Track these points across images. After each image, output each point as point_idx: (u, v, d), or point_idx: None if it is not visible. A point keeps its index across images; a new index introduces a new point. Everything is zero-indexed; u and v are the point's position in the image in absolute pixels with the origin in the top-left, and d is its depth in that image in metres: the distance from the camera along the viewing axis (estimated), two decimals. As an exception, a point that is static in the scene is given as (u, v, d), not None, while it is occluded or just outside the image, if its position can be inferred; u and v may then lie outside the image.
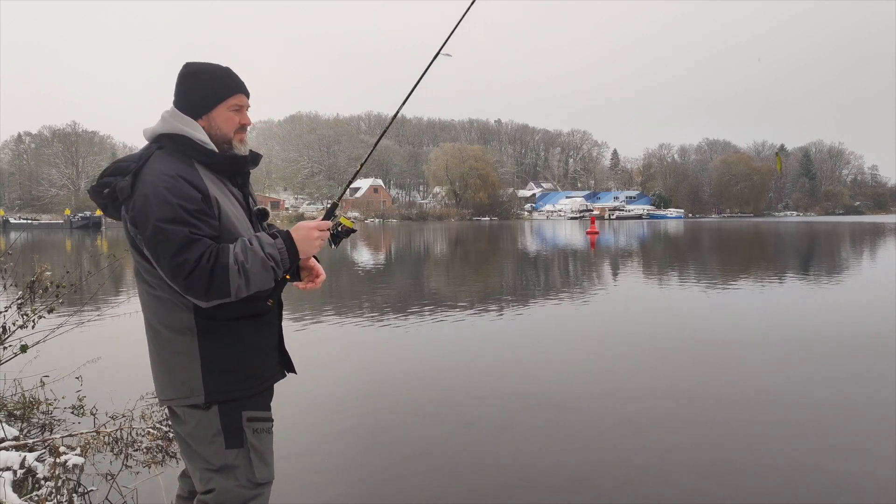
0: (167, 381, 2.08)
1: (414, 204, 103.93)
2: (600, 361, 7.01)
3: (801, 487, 3.80)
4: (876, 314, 9.99)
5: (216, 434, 2.04)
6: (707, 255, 24.37)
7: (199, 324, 2.02)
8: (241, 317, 2.07)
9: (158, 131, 2.10)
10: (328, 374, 6.50)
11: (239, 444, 2.06)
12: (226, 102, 2.13)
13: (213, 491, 2.06)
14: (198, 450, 2.07)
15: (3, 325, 4.03)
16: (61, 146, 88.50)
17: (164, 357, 2.07)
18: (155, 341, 2.09)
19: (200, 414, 2.05)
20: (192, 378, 2.03)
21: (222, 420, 2.04)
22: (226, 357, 2.05)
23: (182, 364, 2.04)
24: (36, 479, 3.04)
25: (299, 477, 3.94)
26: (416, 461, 4.23)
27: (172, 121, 2.09)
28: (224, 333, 2.05)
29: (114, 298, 11.30)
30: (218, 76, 2.14)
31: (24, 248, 26.69)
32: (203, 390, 2.02)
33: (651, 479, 3.91)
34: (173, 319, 2.03)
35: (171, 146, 2.06)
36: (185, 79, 2.13)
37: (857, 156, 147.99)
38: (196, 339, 2.02)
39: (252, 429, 2.08)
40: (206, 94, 2.11)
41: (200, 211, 1.95)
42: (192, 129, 2.08)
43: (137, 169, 1.99)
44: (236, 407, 2.06)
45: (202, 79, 2.12)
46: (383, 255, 25.64)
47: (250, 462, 2.07)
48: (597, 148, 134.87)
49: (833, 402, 5.50)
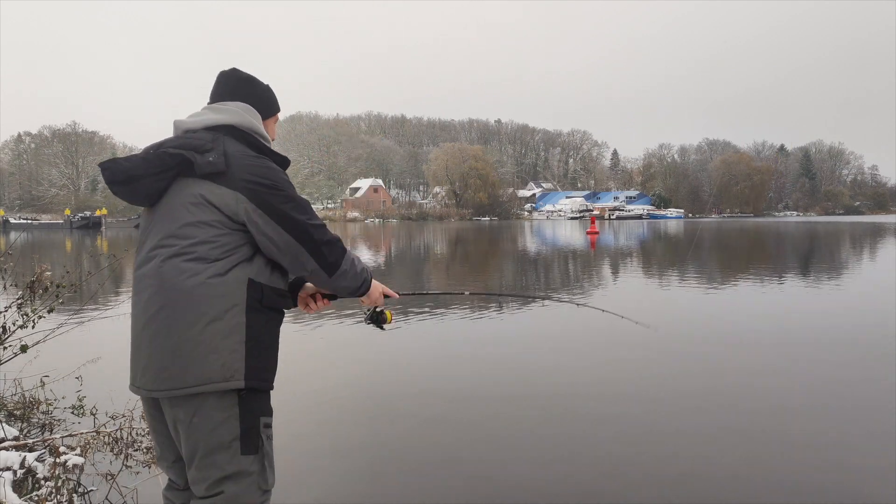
0: (200, 364, 1.95)
1: (414, 204, 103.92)
2: (602, 363, 7.00)
3: (802, 488, 3.80)
4: (877, 314, 9.99)
5: (234, 438, 2.00)
6: (707, 256, 24.36)
7: (250, 304, 2.03)
8: (276, 310, 2.14)
9: (223, 122, 2.14)
10: (328, 373, 6.50)
11: (254, 451, 2.04)
12: (274, 116, 2.36)
13: (222, 494, 2.00)
14: (209, 449, 1.99)
15: (3, 325, 4.03)
16: (61, 146, 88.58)
17: (204, 338, 1.95)
18: (192, 322, 1.96)
19: (224, 410, 1.98)
20: (234, 360, 1.98)
21: (242, 424, 2.01)
22: (263, 345, 2.07)
23: (225, 345, 1.97)
24: (36, 479, 3.04)
25: (299, 476, 3.94)
26: (416, 461, 4.23)
27: (246, 115, 2.17)
28: (264, 320, 2.08)
29: (114, 298, 11.30)
30: (271, 91, 2.34)
31: (24, 248, 26.68)
32: (244, 374, 1.99)
33: (653, 481, 3.91)
34: (229, 297, 1.99)
35: (242, 137, 2.14)
36: (246, 84, 2.26)
37: (857, 156, 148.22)
38: (244, 318, 2.01)
39: (267, 435, 2.08)
40: (270, 103, 2.32)
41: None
42: (261, 127, 2.22)
43: (222, 148, 2.06)
44: (255, 410, 2.05)
45: (263, 87, 2.30)
46: (383, 256, 25.64)
47: (264, 469, 2.06)
48: (597, 148, 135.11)
49: (834, 402, 5.50)
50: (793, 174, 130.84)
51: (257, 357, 2.04)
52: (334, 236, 2.15)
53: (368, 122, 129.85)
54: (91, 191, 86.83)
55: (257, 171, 2.06)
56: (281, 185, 2.08)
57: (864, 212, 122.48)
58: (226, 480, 2.00)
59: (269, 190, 2.05)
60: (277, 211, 2.05)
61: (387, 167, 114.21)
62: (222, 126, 2.13)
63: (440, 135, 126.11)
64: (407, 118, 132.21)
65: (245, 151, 2.09)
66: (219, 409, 1.99)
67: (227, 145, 2.08)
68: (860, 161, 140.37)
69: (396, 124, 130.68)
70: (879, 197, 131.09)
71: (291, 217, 2.06)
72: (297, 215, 2.07)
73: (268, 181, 2.06)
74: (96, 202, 75.99)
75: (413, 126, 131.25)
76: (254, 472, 2.04)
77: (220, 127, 2.13)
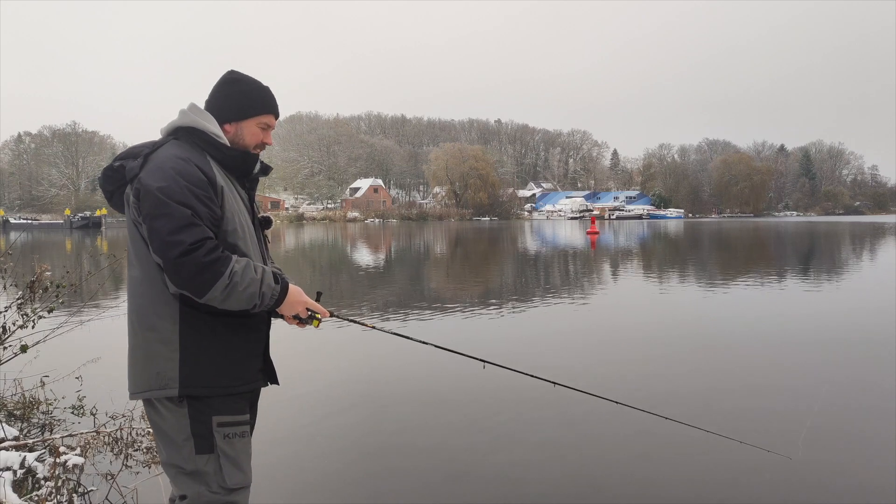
0: (143, 372, 2.05)
1: (414, 204, 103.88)
2: (603, 365, 7.00)
3: (802, 488, 3.80)
4: (878, 314, 9.99)
5: (187, 438, 2.03)
6: (707, 256, 24.36)
7: (183, 312, 2.03)
8: (227, 315, 2.07)
9: (175, 125, 2.15)
10: (327, 374, 6.49)
11: (209, 450, 2.04)
12: (257, 118, 2.23)
13: (187, 498, 2.05)
14: (170, 449, 2.06)
15: (3, 325, 4.04)
16: (61, 146, 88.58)
17: (144, 346, 2.05)
18: (137, 330, 2.07)
19: (173, 412, 2.04)
20: (168, 369, 2.01)
21: (192, 424, 2.03)
22: (204, 352, 2.05)
23: (162, 353, 2.02)
24: (36, 479, 3.04)
25: (299, 478, 3.94)
26: (415, 462, 4.23)
27: (191, 114, 2.15)
28: (206, 328, 2.05)
29: (114, 298, 11.30)
30: (258, 91, 2.24)
31: (24, 248, 26.68)
32: (178, 382, 2.01)
33: (655, 482, 3.91)
34: (160, 306, 2.03)
35: (185, 137, 2.12)
36: (226, 84, 2.22)
37: (857, 156, 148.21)
38: (178, 327, 2.02)
39: (223, 434, 2.06)
40: (243, 104, 2.21)
41: (206, 196, 2.01)
42: (208, 123, 2.14)
43: (149, 153, 2.06)
44: (207, 410, 2.04)
45: (243, 89, 2.22)
46: (383, 256, 25.63)
47: (220, 468, 2.04)
48: (597, 148, 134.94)
49: (836, 402, 5.49)
50: (793, 174, 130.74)
51: (194, 364, 2.03)
52: (205, 258, 1.90)
53: (368, 122, 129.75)
54: (91, 191, 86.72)
55: (150, 172, 1.98)
56: (161, 187, 1.93)
57: (864, 212, 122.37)
58: (186, 478, 2.04)
59: (147, 191, 1.95)
60: (146, 215, 1.96)
61: (387, 167, 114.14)
62: (177, 129, 2.14)
63: (440, 135, 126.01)
64: (407, 118, 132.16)
65: (171, 153, 2.02)
66: (168, 409, 2.05)
67: (163, 148, 2.06)
68: (860, 161, 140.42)
69: (396, 124, 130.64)
70: (879, 197, 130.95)
71: (151, 227, 1.94)
72: (159, 224, 1.92)
73: (151, 182, 1.95)
74: (96, 202, 75.86)
75: (413, 126, 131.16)
76: (210, 472, 2.03)
77: (175, 130, 2.14)
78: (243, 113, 2.20)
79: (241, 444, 2.11)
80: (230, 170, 2.16)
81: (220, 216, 2.04)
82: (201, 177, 2.00)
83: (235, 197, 2.15)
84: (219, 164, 2.12)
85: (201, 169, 2.03)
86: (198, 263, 1.90)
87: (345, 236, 42.90)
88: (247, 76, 2.26)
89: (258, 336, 2.20)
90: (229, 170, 2.16)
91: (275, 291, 2.09)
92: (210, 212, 2.00)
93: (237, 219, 2.11)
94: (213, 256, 1.93)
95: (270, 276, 2.08)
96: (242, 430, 2.12)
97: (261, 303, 2.05)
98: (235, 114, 2.19)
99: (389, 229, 57.70)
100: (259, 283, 2.03)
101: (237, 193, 2.17)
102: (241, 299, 1.99)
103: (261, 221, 2.32)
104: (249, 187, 2.27)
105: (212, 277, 1.92)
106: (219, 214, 2.04)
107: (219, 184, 2.06)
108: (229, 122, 2.19)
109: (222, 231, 2.06)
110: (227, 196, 2.09)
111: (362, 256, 24.87)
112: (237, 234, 2.10)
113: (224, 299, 1.96)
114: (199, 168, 2.02)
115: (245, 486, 2.11)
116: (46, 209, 79.35)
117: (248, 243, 2.15)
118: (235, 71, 2.27)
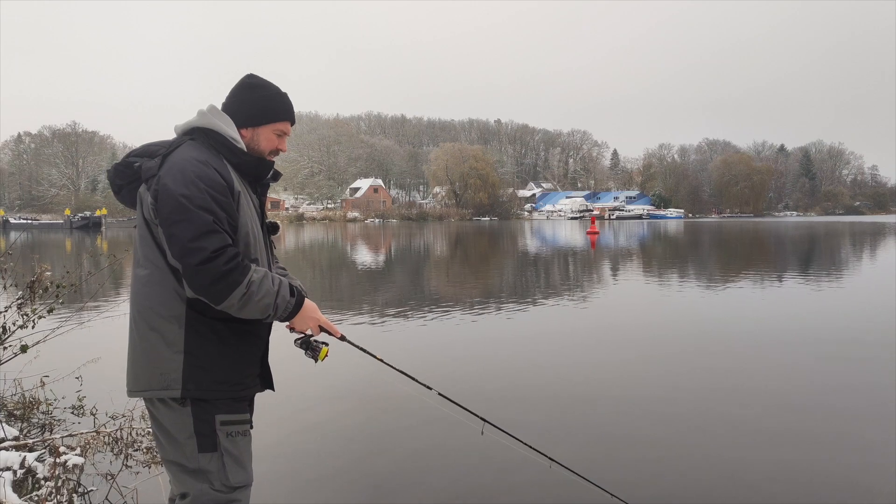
0: (145, 372, 2.04)
1: (414, 204, 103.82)
2: (604, 365, 7.00)
3: (803, 489, 3.80)
4: (879, 314, 9.99)
5: (189, 436, 2.03)
6: (707, 256, 24.36)
7: (189, 316, 2.03)
8: (233, 320, 2.07)
9: (193, 125, 2.15)
10: (327, 375, 6.49)
11: (212, 448, 2.05)
12: (274, 125, 2.23)
13: (189, 496, 2.05)
14: (172, 446, 2.06)
15: (3, 325, 4.04)
16: (61, 146, 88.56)
17: (148, 346, 2.04)
18: (140, 329, 2.07)
19: (175, 411, 2.04)
20: (171, 370, 2.02)
21: (195, 423, 2.03)
22: (208, 355, 2.05)
23: (165, 355, 2.02)
24: (36, 479, 3.04)
25: (299, 478, 3.94)
26: (416, 463, 4.23)
27: (209, 116, 2.14)
28: (211, 332, 2.06)
29: (114, 298, 11.29)
30: (277, 98, 2.24)
31: (24, 248, 26.67)
32: (181, 384, 2.01)
33: (658, 483, 3.91)
34: (166, 308, 2.03)
35: (203, 139, 2.11)
36: (245, 89, 2.22)
37: (857, 156, 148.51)
38: (183, 330, 2.02)
39: (226, 433, 2.07)
40: (261, 110, 2.20)
41: (226, 201, 2.01)
42: (226, 127, 2.14)
43: (167, 153, 2.05)
44: (210, 409, 2.05)
45: (263, 94, 2.22)
46: (383, 256, 25.63)
47: (224, 466, 2.06)
48: (597, 148, 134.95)
49: (836, 403, 5.49)
50: (793, 174, 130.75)
51: (198, 368, 2.03)
52: (225, 266, 1.91)
53: (368, 122, 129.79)
54: (91, 191, 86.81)
55: (171, 174, 1.97)
56: (183, 192, 1.92)
57: (864, 212, 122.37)
58: (188, 477, 2.05)
59: (168, 194, 1.94)
60: (164, 218, 1.95)
61: (387, 167, 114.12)
62: (193, 129, 2.14)
63: (440, 135, 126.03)
64: (407, 118, 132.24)
65: (190, 156, 2.01)
66: (170, 408, 2.05)
67: (181, 149, 2.05)
68: (860, 161, 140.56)
69: (396, 124, 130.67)
70: (879, 197, 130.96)
71: (171, 233, 1.94)
72: (180, 230, 1.92)
73: (172, 185, 1.94)
74: (96, 202, 75.92)
75: (413, 126, 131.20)
76: (213, 471, 2.04)
77: (192, 130, 2.14)
78: (260, 119, 2.20)
79: (244, 443, 2.13)
80: (244, 174, 2.17)
81: (237, 221, 2.05)
82: (221, 181, 2.01)
83: (249, 202, 2.15)
84: (234, 167, 2.12)
85: (220, 173, 2.03)
86: (218, 271, 1.91)
87: (345, 236, 42.87)
88: (266, 81, 2.25)
89: (258, 342, 2.21)
90: (244, 174, 2.16)
91: (289, 304, 2.10)
92: (229, 216, 2.01)
93: (250, 225, 2.11)
94: (232, 265, 1.93)
95: (287, 289, 2.10)
96: (244, 428, 2.14)
97: (274, 314, 2.07)
98: (253, 119, 2.19)
99: (389, 229, 57.66)
100: (274, 296, 2.04)
101: (250, 199, 2.18)
102: (255, 309, 2.01)
103: (268, 227, 2.32)
104: (261, 192, 2.27)
105: (230, 286, 1.93)
106: (236, 218, 2.04)
107: (236, 189, 2.06)
108: (246, 128, 2.19)
109: (235, 238, 2.05)
110: (242, 202, 2.09)
111: (362, 256, 24.86)
112: (249, 240, 2.10)
113: (240, 308, 1.98)
114: (217, 172, 2.02)
115: (247, 485, 2.13)
116: (46, 209, 79.26)
117: (259, 250, 2.16)
118: (255, 75, 2.25)
